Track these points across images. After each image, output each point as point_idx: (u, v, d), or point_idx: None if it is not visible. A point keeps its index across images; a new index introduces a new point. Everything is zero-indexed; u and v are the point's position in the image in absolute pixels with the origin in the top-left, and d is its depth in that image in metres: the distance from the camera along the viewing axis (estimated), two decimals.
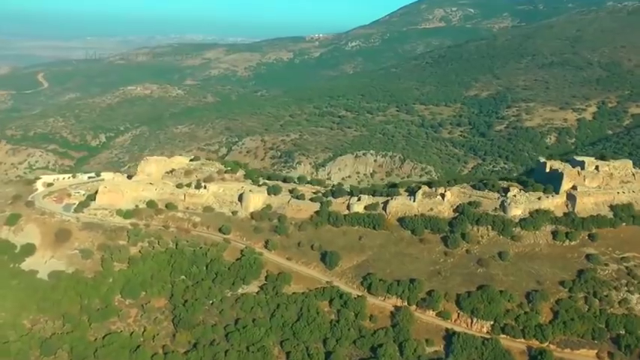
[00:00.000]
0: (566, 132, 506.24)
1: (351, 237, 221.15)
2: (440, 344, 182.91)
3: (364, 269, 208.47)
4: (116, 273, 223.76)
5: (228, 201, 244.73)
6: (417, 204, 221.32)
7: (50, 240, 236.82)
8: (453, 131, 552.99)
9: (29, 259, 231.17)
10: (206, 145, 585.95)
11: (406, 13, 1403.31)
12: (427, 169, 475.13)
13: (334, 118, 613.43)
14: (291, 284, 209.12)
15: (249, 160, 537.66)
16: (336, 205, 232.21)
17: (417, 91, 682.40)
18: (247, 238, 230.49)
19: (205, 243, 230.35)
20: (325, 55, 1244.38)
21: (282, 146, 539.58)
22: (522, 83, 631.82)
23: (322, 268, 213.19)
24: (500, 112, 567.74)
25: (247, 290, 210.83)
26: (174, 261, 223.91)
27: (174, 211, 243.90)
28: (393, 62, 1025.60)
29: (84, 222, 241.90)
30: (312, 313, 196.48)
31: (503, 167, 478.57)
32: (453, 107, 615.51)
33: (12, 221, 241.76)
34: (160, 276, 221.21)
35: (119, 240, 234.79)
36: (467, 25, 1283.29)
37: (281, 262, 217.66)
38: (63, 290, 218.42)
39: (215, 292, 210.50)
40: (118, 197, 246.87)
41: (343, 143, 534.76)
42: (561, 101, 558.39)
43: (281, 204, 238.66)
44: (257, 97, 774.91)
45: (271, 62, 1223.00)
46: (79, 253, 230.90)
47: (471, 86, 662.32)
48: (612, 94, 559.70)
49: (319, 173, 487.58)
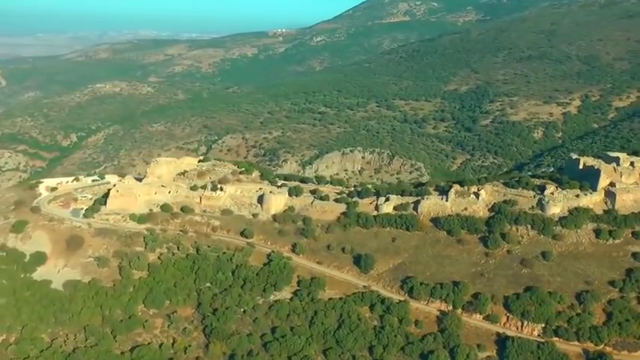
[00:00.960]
0: (552, 126, 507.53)
1: (383, 239, 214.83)
2: (492, 349, 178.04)
3: (401, 272, 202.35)
4: (136, 281, 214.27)
5: (246, 203, 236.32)
6: (450, 203, 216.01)
7: (61, 248, 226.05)
8: (437, 127, 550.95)
9: (41, 269, 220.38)
10: (184, 143, 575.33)
11: (370, 7, 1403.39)
12: (417, 166, 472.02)
13: (315, 114, 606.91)
14: (325, 289, 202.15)
15: (232, 158, 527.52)
16: (362, 205, 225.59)
17: (394, 86, 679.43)
18: (272, 241, 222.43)
19: (228, 248, 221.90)
20: (290, 50, 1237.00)
21: (265, 144, 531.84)
22: (502, 77, 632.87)
23: (356, 271, 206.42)
24: (483, 106, 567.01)
25: (280, 297, 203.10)
26: (198, 267, 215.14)
27: (190, 214, 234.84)
28: (361, 57, 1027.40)
29: (96, 228, 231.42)
30: (354, 319, 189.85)
31: (493, 162, 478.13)
32: (434, 102, 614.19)
33: (19, 228, 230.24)
34: (183, 283, 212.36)
35: (135, 246, 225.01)
36: (431, 19, 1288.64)
37: (312, 267, 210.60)
38: (81, 301, 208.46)
39: (246, 300, 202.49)
40: (130, 201, 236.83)
41: (328, 140, 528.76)
42: (544, 95, 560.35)
43: (304, 205, 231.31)
44: (229, 94, 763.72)
45: (236, 58, 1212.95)
46: (93, 260, 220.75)
47: (450, 81, 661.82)
48: (594, 88, 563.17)
49: (306, 171, 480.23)
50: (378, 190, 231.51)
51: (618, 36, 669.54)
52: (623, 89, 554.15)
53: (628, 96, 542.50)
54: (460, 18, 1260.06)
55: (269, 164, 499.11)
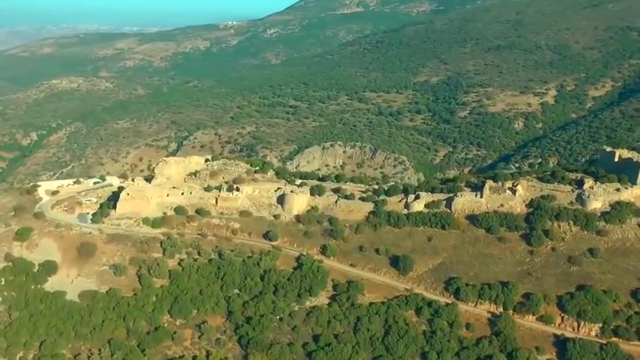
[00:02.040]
0: (532, 117, 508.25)
1: (418, 238, 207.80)
2: (551, 352, 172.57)
3: (443, 273, 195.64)
4: (158, 290, 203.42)
5: (265, 204, 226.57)
6: (485, 200, 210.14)
7: (72, 256, 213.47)
8: (414, 119, 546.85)
9: (52, 279, 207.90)
10: (154, 140, 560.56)
11: None
12: (400, 159, 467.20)
13: (286, 108, 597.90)
14: (364, 293, 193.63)
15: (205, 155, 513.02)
16: (391, 204, 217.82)
17: (363, 78, 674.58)
18: (298, 244, 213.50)
19: (252, 251, 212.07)
20: (244, 43, 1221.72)
21: (240, 139, 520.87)
22: (473, 68, 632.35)
23: (394, 273, 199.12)
24: (458, 97, 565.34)
25: (316, 302, 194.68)
26: (224, 273, 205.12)
27: (207, 217, 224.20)
28: (317, 49, 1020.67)
29: (108, 234, 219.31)
30: (401, 324, 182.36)
31: (477, 155, 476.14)
32: (406, 94, 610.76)
33: (24, 236, 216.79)
34: (210, 291, 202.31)
35: (152, 252, 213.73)
36: (385, 10, 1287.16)
37: (346, 270, 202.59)
38: (101, 312, 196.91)
39: (281, 307, 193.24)
40: (142, 204, 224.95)
41: (305, 135, 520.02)
42: (520, 85, 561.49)
43: (327, 205, 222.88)
44: (190, 89, 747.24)
45: (188, 51, 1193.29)
46: (109, 269, 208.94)
47: (419, 72, 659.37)
48: (569, 78, 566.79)
49: (287, 167, 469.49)
50: (406, 188, 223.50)
51: (585, 25, 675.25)
52: (598, 78, 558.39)
53: (603, 85, 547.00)
54: (414, 9, 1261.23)
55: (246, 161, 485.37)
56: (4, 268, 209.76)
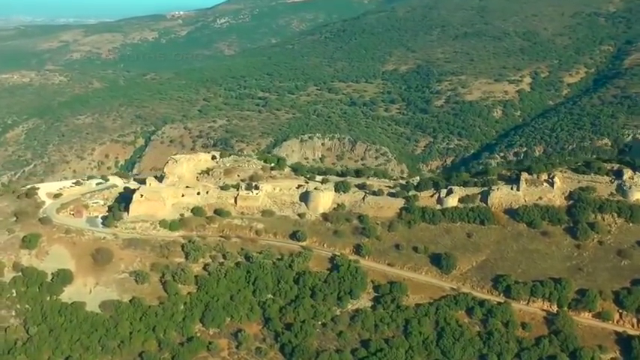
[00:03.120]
0: (511, 105, 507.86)
1: (456, 235, 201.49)
2: (614, 350, 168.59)
3: (488, 271, 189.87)
4: (186, 297, 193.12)
5: (288, 202, 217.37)
6: (522, 193, 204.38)
7: (87, 263, 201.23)
8: (389, 109, 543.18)
9: (68, 289, 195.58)
10: (119, 136, 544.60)
11: None
12: (382, 151, 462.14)
13: (255, 100, 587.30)
14: (408, 294, 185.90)
15: (177, 150, 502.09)
16: (422, 199, 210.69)
17: (329, 67, 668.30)
18: (329, 244, 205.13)
19: (281, 253, 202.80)
20: (194, 33, 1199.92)
21: (213, 133, 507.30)
22: (442, 56, 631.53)
23: (436, 272, 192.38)
24: (431, 86, 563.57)
25: (359, 305, 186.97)
26: (255, 277, 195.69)
27: (228, 217, 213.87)
28: (271, 38, 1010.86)
29: (124, 238, 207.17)
30: (454, 326, 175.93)
31: (458, 144, 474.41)
32: (376, 83, 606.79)
33: (32, 243, 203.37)
34: (241, 297, 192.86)
35: (174, 257, 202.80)
36: None
37: (384, 270, 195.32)
38: (128, 324, 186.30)
39: (322, 311, 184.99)
40: (157, 206, 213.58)
41: (280, 127, 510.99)
42: (494, 73, 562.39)
43: (354, 202, 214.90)
44: (149, 81, 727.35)
45: (136, 43, 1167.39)
46: (129, 276, 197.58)
47: (387, 61, 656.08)
48: (542, 64, 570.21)
49: None
50: (436, 182, 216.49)
51: (551, 11, 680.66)
52: (571, 65, 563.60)
53: (577, 72, 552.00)
54: None
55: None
56: (15, 279, 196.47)
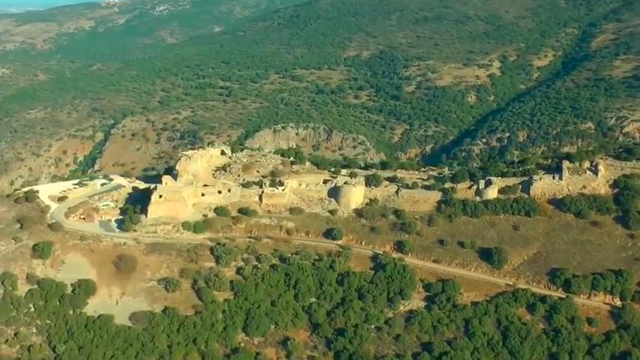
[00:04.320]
0: (484, 89, 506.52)
1: (502, 228, 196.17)
2: None
3: (542, 264, 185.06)
4: (223, 305, 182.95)
5: (316, 198, 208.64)
6: (565, 182, 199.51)
7: (110, 272, 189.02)
8: (359, 96, 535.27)
9: (92, 301, 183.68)
10: (77, 130, 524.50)
11: None
12: (360, 140, 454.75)
13: (217, 89, 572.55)
14: (462, 292, 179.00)
15: (140, 144, 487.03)
16: (460, 191, 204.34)
17: (288, 54, 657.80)
18: (367, 241, 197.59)
19: (318, 253, 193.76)
20: (132, 21, 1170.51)
21: (178, 126, 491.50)
22: (404, 41, 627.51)
23: (487, 268, 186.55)
24: (399, 72, 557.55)
25: (411, 306, 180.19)
26: (295, 280, 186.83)
27: (254, 217, 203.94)
28: (217, 26, 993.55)
29: (146, 243, 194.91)
30: (517, 324, 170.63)
31: (436, 131, 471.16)
32: (339, 70, 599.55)
33: (45, 252, 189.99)
34: (283, 302, 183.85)
35: (204, 262, 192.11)
36: None
37: (432, 267, 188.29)
38: (165, 336, 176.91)
39: (373, 314, 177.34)
40: (178, 207, 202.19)
41: (249, 117, 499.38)
42: (461, 57, 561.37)
43: (387, 196, 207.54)
44: (97, 72, 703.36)
45: (72, 32, 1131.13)
46: (158, 284, 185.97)
47: (347, 47, 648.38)
48: (509, 48, 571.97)
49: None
50: (473, 173, 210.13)
51: None
52: (538, 48, 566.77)
53: (545, 55, 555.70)
54: None
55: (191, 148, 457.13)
56: (31, 293, 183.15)
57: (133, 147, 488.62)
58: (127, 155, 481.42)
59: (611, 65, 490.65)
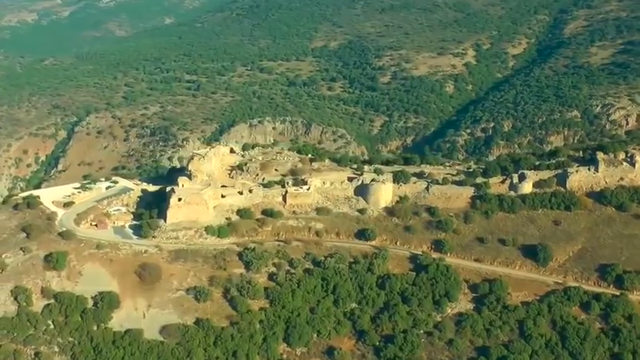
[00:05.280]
0: (461, 79, 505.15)
1: (542, 223, 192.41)
2: None
3: (589, 260, 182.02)
4: (260, 314, 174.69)
5: (342, 197, 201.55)
6: (601, 174, 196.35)
7: (133, 282, 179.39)
8: (332, 88, 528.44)
9: (117, 315, 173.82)
10: (38, 129, 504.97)
11: None
12: (340, 133, 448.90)
13: (184, 83, 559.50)
14: (510, 292, 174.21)
15: (108, 142, 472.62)
16: (493, 186, 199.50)
17: (252, 46, 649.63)
18: (402, 241, 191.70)
19: (352, 255, 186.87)
20: (78, 13, 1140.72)
21: (148, 122, 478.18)
22: (373, 30, 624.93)
23: (531, 265, 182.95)
24: (371, 62, 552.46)
25: (459, 308, 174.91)
26: (333, 285, 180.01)
27: (280, 218, 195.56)
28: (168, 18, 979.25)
29: (169, 250, 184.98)
30: (573, 324, 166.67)
31: (417, 122, 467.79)
32: (308, 61, 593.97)
33: (58, 263, 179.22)
34: (323, 309, 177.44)
35: (233, 268, 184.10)
36: None
37: (475, 267, 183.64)
38: (201, 351, 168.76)
39: (421, 318, 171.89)
40: (199, 210, 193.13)
41: (222, 112, 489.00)
42: (434, 46, 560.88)
43: (417, 193, 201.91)
44: (50, 67, 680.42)
45: (14, 25, 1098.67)
46: (186, 294, 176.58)
47: (313, 37, 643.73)
48: (482, 36, 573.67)
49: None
50: (504, 167, 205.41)
51: None
52: (511, 36, 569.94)
53: (519, 42, 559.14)
54: None
55: (164, 145, 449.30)
56: (48, 308, 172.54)
57: (100, 145, 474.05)
58: (94, 154, 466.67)
59: (588, 52, 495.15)
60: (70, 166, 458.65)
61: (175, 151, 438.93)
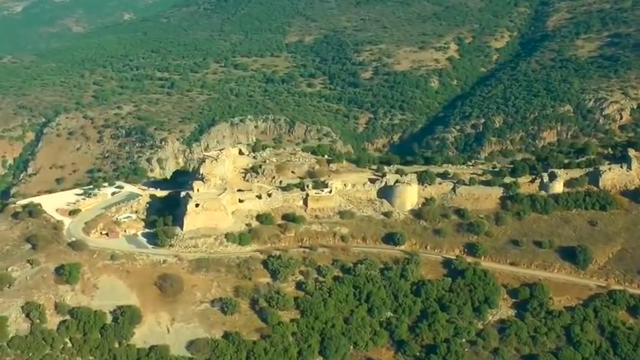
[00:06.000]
0: (446, 74, 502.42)
1: (577, 224, 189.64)
2: None
3: (630, 261, 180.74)
4: (292, 326, 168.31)
5: (364, 199, 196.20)
6: (635, 172, 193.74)
7: (153, 295, 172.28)
8: (313, 84, 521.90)
9: (140, 330, 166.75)
10: (4, 131, 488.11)
11: None
12: (325, 131, 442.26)
13: (156, 81, 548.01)
14: (551, 297, 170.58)
15: (80, 143, 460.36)
16: (522, 186, 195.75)
17: (223, 42, 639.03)
18: (432, 245, 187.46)
19: (382, 261, 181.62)
20: (31, 9, 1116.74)
21: (122, 122, 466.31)
22: (349, 24, 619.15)
23: (570, 268, 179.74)
24: (350, 57, 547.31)
25: (500, 315, 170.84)
26: (366, 293, 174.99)
27: (303, 223, 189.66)
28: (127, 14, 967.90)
29: (189, 260, 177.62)
30: (622, 330, 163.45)
31: (403, 119, 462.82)
32: (284, 57, 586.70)
33: (72, 276, 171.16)
34: (358, 318, 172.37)
35: (258, 277, 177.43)
36: None
37: (511, 270, 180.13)
38: None
39: (462, 326, 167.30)
40: (218, 217, 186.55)
41: (199, 110, 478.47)
42: (415, 40, 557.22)
43: (443, 194, 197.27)
44: (9, 65, 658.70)
45: None
46: (211, 306, 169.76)
47: (287, 32, 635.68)
48: (463, 30, 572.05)
49: (194, 149, 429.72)
50: (532, 165, 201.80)
51: None
52: (493, 29, 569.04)
53: (502, 36, 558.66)
54: None
55: (141, 146, 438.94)
56: (65, 325, 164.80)
57: (72, 147, 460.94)
58: (66, 156, 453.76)
59: (574, 45, 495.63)
60: (40, 169, 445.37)
61: (154, 152, 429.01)
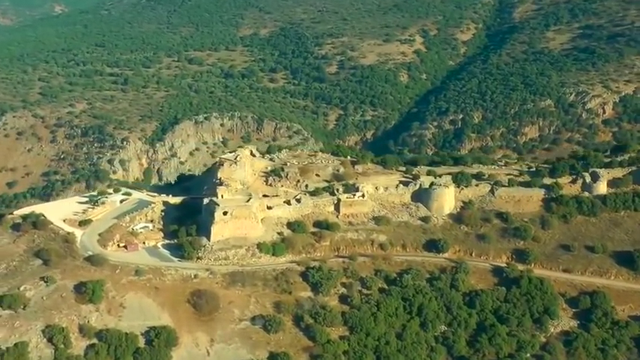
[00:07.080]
0: (414, 67, 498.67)
1: (629, 227, 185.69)
2: None
3: None
4: (342, 344, 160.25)
5: (398, 204, 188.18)
6: None
7: (187, 314, 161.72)
8: (275, 79, 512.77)
9: (177, 353, 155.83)
10: None
11: None
12: (295, 129, 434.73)
13: (106, 77, 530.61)
14: (613, 305, 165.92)
15: (31, 144, 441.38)
16: (564, 187, 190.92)
17: (173, 35, 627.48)
18: (478, 252, 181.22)
19: (427, 270, 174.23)
20: None
21: (77, 121, 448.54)
22: (305, 16, 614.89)
23: (628, 274, 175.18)
24: (311, 51, 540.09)
25: (562, 326, 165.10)
26: (417, 306, 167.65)
27: (338, 231, 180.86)
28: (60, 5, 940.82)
29: (222, 273, 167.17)
30: None
31: (375, 115, 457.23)
32: (239, 51, 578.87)
33: (95, 295, 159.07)
34: (411, 334, 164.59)
35: (299, 291, 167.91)
36: None
37: (566, 278, 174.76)
38: None
39: (524, 339, 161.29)
40: (248, 225, 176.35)
41: (159, 108, 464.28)
42: (378, 33, 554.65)
43: (481, 197, 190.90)
44: None
45: None
46: (252, 324, 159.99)
47: (241, 25, 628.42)
48: (427, 21, 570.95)
49: (158, 149, 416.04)
50: (572, 165, 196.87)
51: None
52: (457, 21, 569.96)
53: (467, 28, 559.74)
54: None
55: (101, 147, 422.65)
56: (94, 349, 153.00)
57: (22, 148, 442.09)
58: (16, 158, 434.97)
59: (545, 37, 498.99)
60: None
61: (115, 153, 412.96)
